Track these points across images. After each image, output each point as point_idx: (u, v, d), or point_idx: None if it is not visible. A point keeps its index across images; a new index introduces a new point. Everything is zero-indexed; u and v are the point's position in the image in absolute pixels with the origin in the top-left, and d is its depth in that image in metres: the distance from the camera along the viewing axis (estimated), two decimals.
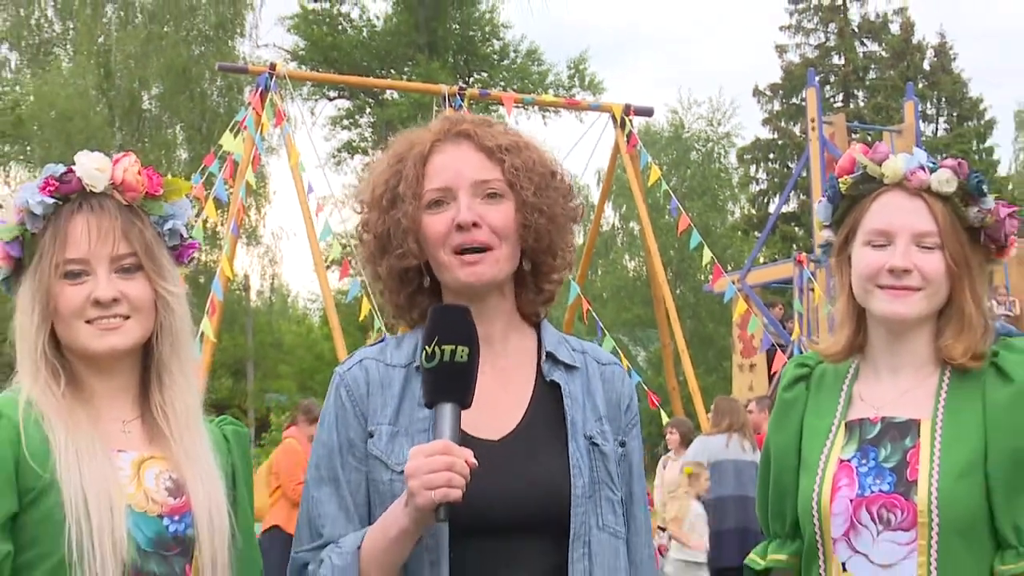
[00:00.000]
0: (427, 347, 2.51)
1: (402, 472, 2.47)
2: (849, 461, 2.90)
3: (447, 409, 2.47)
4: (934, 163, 2.88)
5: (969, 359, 2.83)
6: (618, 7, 74.59)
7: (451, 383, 2.50)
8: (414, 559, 2.58)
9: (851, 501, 2.84)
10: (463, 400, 2.49)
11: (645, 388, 17.33)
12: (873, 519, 2.83)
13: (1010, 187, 46.66)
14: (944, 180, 2.84)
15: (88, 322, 2.58)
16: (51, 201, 2.58)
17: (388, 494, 2.60)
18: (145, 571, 2.53)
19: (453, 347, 2.50)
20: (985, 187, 2.87)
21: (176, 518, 2.59)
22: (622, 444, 2.79)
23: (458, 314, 2.56)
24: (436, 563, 2.59)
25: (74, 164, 2.59)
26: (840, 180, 2.98)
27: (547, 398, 2.74)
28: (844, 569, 2.87)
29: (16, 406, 2.52)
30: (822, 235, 3.10)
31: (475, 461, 2.43)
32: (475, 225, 2.64)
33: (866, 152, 2.93)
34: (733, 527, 11.54)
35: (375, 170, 2.84)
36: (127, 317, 2.60)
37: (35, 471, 2.47)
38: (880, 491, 2.85)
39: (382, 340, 2.86)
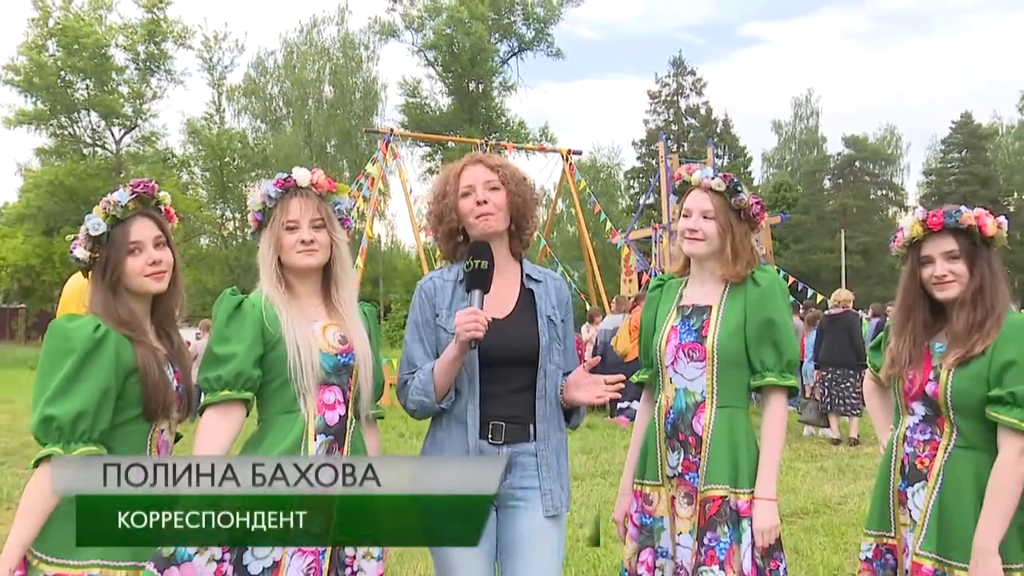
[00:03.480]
0: (467, 261, 2.50)
1: (452, 332, 2.43)
2: (676, 326, 2.68)
3: (477, 293, 2.46)
4: (715, 175, 2.69)
5: (737, 279, 2.63)
6: (563, 100, 72.49)
7: (479, 279, 2.47)
8: (459, 378, 2.51)
9: (675, 347, 2.65)
10: (484, 287, 2.47)
11: (577, 291, 18.07)
12: (685, 356, 2.63)
13: (759, 191, 46.34)
14: (717, 183, 2.65)
15: (298, 252, 2.44)
16: (280, 190, 2.47)
17: (445, 342, 2.50)
18: (329, 382, 2.41)
19: (479, 261, 2.48)
20: (740, 188, 2.68)
21: (344, 355, 2.44)
22: (563, 320, 2.64)
23: (483, 246, 2.53)
24: (472, 378, 2.50)
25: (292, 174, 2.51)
26: (676, 183, 2.78)
27: (527, 296, 2.62)
28: (671, 381, 2.66)
29: (260, 298, 2.42)
30: (675, 212, 2.89)
31: (490, 319, 2.42)
32: (485, 202, 2.55)
33: (689, 170, 2.74)
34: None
35: (436, 182, 2.74)
36: (316, 250, 2.45)
37: (271, 332, 2.38)
38: (689, 341, 2.64)
39: (442, 267, 2.74)
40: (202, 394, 2.39)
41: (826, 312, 10.69)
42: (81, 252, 2.33)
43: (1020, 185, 49.27)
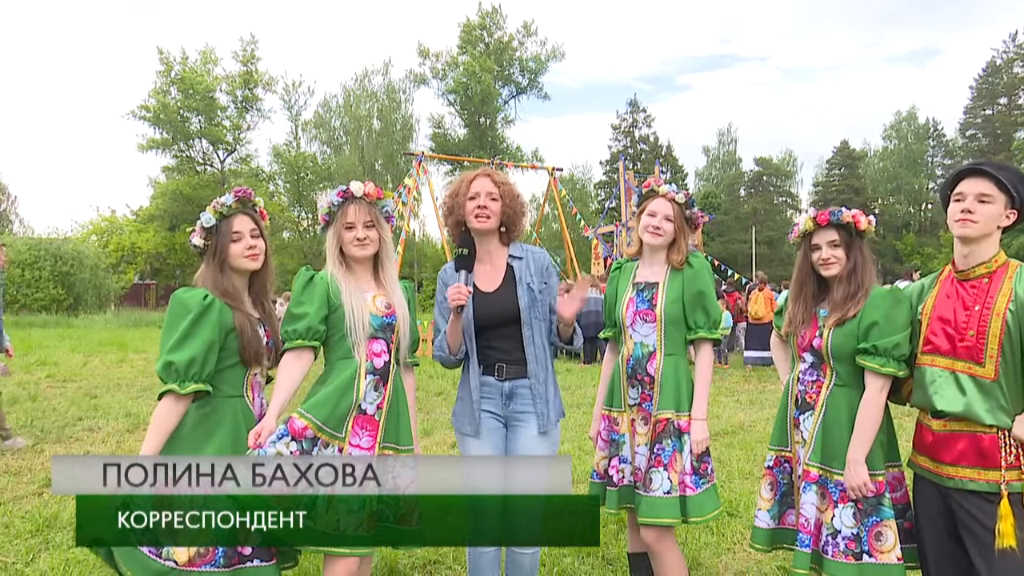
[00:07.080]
0: (456, 250, 2.44)
1: None
2: (633, 298, 2.63)
3: (463, 272, 2.39)
4: (678, 190, 2.64)
5: (678, 264, 2.59)
6: (549, 130, 71.75)
7: (463, 263, 2.40)
8: (464, 336, 2.45)
9: (633, 312, 2.61)
10: (468, 268, 2.40)
11: (560, 272, 17.51)
12: (641, 319, 2.59)
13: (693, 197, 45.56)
14: (680, 196, 2.61)
15: (354, 246, 2.36)
16: (341, 199, 2.38)
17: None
18: (376, 336, 2.31)
19: (463, 249, 2.41)
20: (693, 203, 2.64)
21: (389, 317, 2.35)
22: (545, 283, 2.49)
23: (468, 239, 2.45)
24: (471, 337, 2.45)
25: (349, 186, 2.41)
26: (645, 190, 2.69)
27: (511, 273, 2.49)
28: (630, 337, 2.61)
29: (327, 274, 2.35)
30: (633, 210, 2.63)
31: (470, 290, 2.35)
32: (485, 207, 2.46)
33: (656, 182, 2.66)
34: (595, 322, 10.57)
35: (453, 183, 2.61)
36: (368, 244, 2.36)
37: (334, 299, 2.30)
38: (643, 308, 2.59)
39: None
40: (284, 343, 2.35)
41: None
42: (197, 240, 2.30)
43: (883, 194, 48.98)
